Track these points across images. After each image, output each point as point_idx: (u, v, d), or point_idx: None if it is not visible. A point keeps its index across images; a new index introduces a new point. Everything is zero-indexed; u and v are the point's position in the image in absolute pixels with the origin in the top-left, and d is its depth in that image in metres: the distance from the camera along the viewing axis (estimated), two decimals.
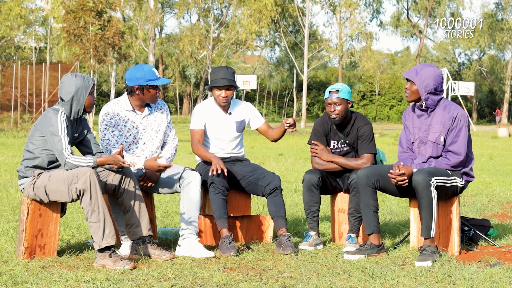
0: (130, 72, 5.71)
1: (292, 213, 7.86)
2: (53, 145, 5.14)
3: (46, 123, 5.19)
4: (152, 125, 5.81)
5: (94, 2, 30.51)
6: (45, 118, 5.22)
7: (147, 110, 5.80)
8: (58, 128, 5.13)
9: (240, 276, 4.76)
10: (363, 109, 63.38)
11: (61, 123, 5.15)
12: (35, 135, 5.27)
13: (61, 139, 5.11)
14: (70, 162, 5.11)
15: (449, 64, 66.60)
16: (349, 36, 52.49)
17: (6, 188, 9.68)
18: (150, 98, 5.72)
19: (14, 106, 33.94)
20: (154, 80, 5.65)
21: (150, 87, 5.67)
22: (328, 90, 6.07)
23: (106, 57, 31.62)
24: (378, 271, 4.88)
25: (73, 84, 5.25)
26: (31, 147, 5.27)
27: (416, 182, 5.39)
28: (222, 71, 6.04)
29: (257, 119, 6.26)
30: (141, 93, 5.69)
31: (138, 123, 5.76)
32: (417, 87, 5.60)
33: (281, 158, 16.96)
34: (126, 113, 5.75)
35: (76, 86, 5.24)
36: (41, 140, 5.24)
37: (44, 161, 5.25)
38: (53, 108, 5.27)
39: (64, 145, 5.11)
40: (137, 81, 5.66)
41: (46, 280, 4.54)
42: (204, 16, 53.44)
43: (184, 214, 5.58)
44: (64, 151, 5.10)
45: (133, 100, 5.75)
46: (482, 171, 13.88)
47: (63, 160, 5.11)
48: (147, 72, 5.65)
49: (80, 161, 5.13)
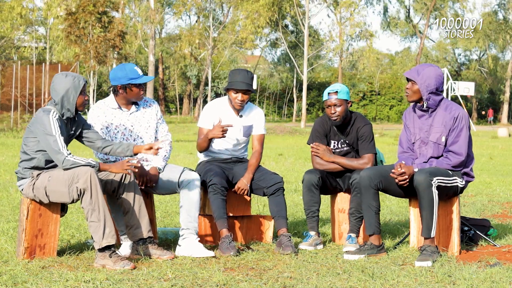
0: (113, 72, 5.75)
1: (292, 213, 7.86)
2: (48, 145, 5.10)
3: (38, 124, 5.16)
4: (140, 121, 5.83)
5: (95, 5, 30.49)
6: (37, 119, 5.19)
7: (134, 108, 5.82)
8: (52, 128, 5.10)
9: (240, 276, 4.76)
10: (363, 109, 63.35)
11: (53, 123, 5.12)
12: (28, 136, 5.24)
13: (56, 138, 5.09)
14: (69, 160, 5.08)
15: (449, 64, 66.57)
16: (349, 35, 52.50)
17: (6, 188, 9.68)
18: (134, 96, 5.75)
19: (14, 106, 33.92)
20: (136, 78, 5.68)
21: (132, 85, 5.70)
22: (327, 92, 6.06)
23: (107, 58, 31.63)
24: (378, 271, 4.88)
25: (63, 84, 5.23)
26: (26, 149, 5.25)
27: (417, 182, 5.39)
28: (241, 74, 6.00)
29: (257, 128, 6.20)
30: (124, 92, 5.73)
31: (125, 120, 5.78)
32: (419, 87, 5.59)
33: (281, 158, 16.96)
34: (112, 111, 5.78)
35: (66, 86, 5.23)
36: (34, 142, 5.21)
37: (41, 161, 5.23)
38: (44, 108, 5.24)
39: (60, 144, 5.09)
40: (120, 81, 5.70)
41: (46, 280, 4.54)
42: (203, 17, 53.45)
43: (184, 214, 5.58)
44: (61, 149, 5.08)
45: (119, 99, 5.79)
46: (482, 171, 13.88)
47: (62, 158, 5.07)
48: (129, 71, 5.69)
49: (79, 160, 5.12)
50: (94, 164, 5.16)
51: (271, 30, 55.32)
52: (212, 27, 49.57)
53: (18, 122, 31.64)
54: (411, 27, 63.79)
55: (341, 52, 54.23)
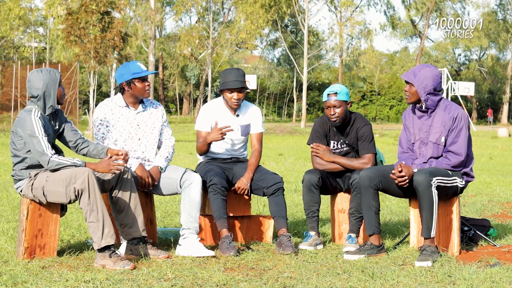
0: (118, 71, 5.81)
1: (292, 213, 7.86)
2: (32, 146, 5.08)
3: (21, 126, 5.12)
4: (146, 122, 5.84)
5: (97, 4, 30.47)
6: (20, 120, 5.16)
7: (141, 107, 5.84)
8: (34, 129, 5.07)
9: (240, 276, 4.76)
10: (363, 109, 63.36)
11: (36, 123, 5.09)
12: (14, 139, 5.21)
13: (40, 139, 5.06)
14: (54, 160, 5.06)
15: (449, 64, 66.56)
16: (348, 35, 52.49)
17: (6, 188, 9.68)
18: (139, 91, 5.75)
19: (14, 106, 33.94)
20: (139, 73, 5.71)
21: (136, 80, 5.72)
22: (326, 93, 6.05)
23: (107, 58, 31.61)
24: (378, 271, 4.88)
25: (41, 80, 5.21)
26: (15, 152, 5.23)
27: (417, 182, 5.39)
28: (233, 73, 6.01)
29: (255, 126, 6.20)
30: (129, 88, 5.75)
31: (132, 119, 5.80)
32: (416, 88, 5.59)
33: (281, 158, 16.96)
34: (119, 109, 5.80)
35: (44, 81, 5.21)
36: (22, 143, 5.18)
37: (33, 159, 5.20)
38: (26, 109, 5.21)
39: (44, 145, 5.07)
40: (123, 77, 5.73)
41: (46, 280, 4.54)
42: (203, 17, 53.45)
43: (185, 214, 5.59)
44: (45, 150, 5.06)
45: (126, 97, 5.80)
46: (482, 171, 13.88)
47: (46, 159, 5.05)
48: (132, 67, 5.74)
49: (65, 160, 5.10)
50: (80, 163, 5.13)
51: (271, 30, 55.33)
52: (212, 27, 49.55)
53: None
54: (411, 27, 63.76)
55: (341, 52, 54.22)
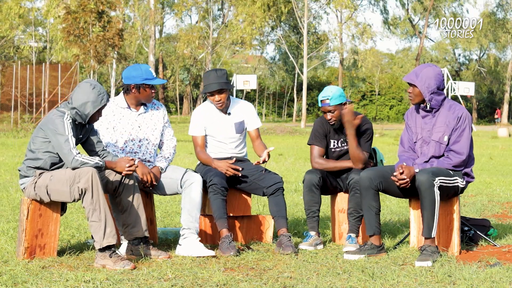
0: (128, 71, 5.74)
1: (292, 213, 7.86)
2: (58, 144, 5.12)
3: (50, 125, 5.17)
4: (148, 123, 5.83)
5: (96, 3, 30.48)
6: (50, 120, 5.20)
7: (143, 109, 5.83)
8: (65, 128, 5.13)
9: (240, 276, 4.76)
10: (363, 109, 63.34)
11: (66, 125, 5.15)
12: (38, 136, 5.25)
13: (68, 138, 5.11)
14: (78, 159, 5.10)
15: (449, 64, 66.56)
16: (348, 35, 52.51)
17: (6, 188, 9.68)
18: (145, 97, 5.75)
19: (14, 106, 33.92)
20: (151, 79, 5.69)
21: (146, 86, 5.71)
22: (319, 100, 6.07)
23: (106, 57, 31.61)
24: (378, 271, 4.88)
25: (86, 95, 5.20)
26: (33, 147, 5.27)
27: (420, 182, 5.39)
28: (212, 75, 5.98)
29: (251, 122, 6.21)
30: (137, 92, 5.72)
31: (133, 120, 5.79)
32: (420, 89, 5.58)
33: (281, 158, 16.96)
34: (121, 110, 5.79)
35: (88, 98, 5.19)
36: (44, 142, 5.22)
37: (46, 163, 5.24)
38: (59, 109, 5.25)
39: (71, 144, 5.12)
40: (134, 80, 5.69)
41: (46, 280, 4.54)
42: (203, 17, 53.44)
43: (185, 214, 5.59)
44: (72, 149, 5.11)
45: (129, 99, 5.79)
46: (482, 171, 13.88)
47: (71, 157, 5.10)
48: (144, 71, 5.69)
49: (88, 159, 5.14)
50: (102, 163, 5.18)
51: (271, 30, 55.30)
52: (211, 27, 49.55)
53: (18, 122, 31.63)
54: (411, 27, 63.77)
55: (341, 53, 54.20)
